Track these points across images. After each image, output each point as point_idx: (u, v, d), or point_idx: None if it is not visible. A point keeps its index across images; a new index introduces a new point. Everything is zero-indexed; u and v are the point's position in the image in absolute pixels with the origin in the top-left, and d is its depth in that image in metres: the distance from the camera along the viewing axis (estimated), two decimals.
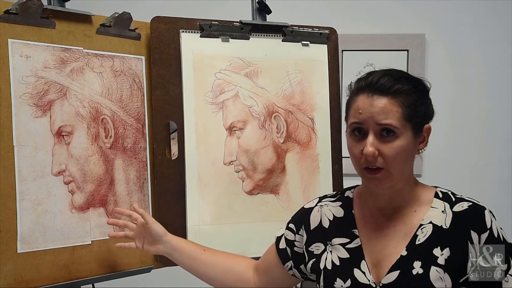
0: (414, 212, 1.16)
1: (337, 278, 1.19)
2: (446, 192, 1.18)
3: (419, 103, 1.13)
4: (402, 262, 1.12)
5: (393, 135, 1.09)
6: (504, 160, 2.52)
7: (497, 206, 2.62)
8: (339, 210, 1.26)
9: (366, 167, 1.12)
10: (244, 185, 1.61)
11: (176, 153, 1.55)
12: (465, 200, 1.15)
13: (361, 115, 1.11)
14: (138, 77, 1.53)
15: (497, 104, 2.53)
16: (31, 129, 1.33)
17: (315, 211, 1.29)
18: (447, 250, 1.10)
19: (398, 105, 1.09)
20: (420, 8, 2.55)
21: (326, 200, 1.31)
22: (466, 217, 1.11)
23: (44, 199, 1.34)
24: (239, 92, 1.62)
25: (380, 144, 1.09)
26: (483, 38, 2.53)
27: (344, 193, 1.29)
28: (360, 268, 1.17)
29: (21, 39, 1.33)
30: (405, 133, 1.10)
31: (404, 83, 1.12)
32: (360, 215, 1.23)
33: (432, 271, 1.09)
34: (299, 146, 1.67)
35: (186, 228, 1.53)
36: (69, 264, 1.37)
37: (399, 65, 2.52)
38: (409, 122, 1.10)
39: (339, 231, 1.23)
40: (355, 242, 1.20)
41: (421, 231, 1.13)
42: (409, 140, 1.11)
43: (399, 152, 1.09)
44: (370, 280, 1.15)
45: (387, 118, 1.09)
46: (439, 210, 1.14)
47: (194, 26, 1.60)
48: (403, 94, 1.10)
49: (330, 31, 1.74)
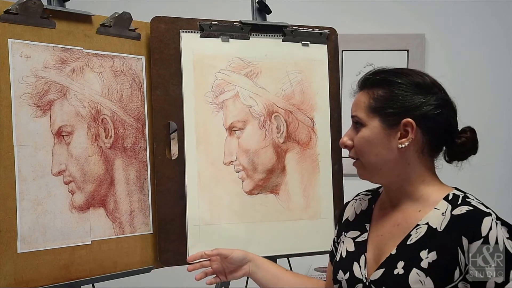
0: (419, 211, 1.13)
1: (340, 270, 1.22)
2: (458, 195, 1.13)
3: (394, 94, 1.12)
4: (389, 261, 1.12)
5: (360, 125, 1.16)
6: (504, 160, 2.52)
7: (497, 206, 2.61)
8: (366, 203, 1.29)
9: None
10: (244, 185, 1.61)
11: (176, 153, 1.55)
12: (470, 204, 1.08)
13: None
14: (138, 77, 1.53)
15: (497, 104, 2.53)
16: (31, 129, 1.33)
17: (350, 205, 1.33)
18: (433, 253, 1.06)
19: (365, 96, 1.16)
20: (420, 8, 2.55)
21: (362, 193, 1.34)
22: (461, 222, 1.06)
23: (44, 199, 1.34)
24: (239, 92, 1.62)
25: (353, 135, 1.18)
26: (483, 38, 2.53)
27: (379, 188, 1.31)
28: (359, 262, 1.19)
29: (21, 39, 1.33)
30: (371, 124, 1.14)
31: (378, 76, 1.16)
32: (377, 211, 1.25)
33: (412, 273, 1.07)
34: (299, 146, 1.67)
35: (186, 228, 1.53)
36: (69, 264, 1.37)
37: (399, 65, 2.51)
38: (376, 113, 1.13)
39: (357, 224, 1.27)
40: (363, 236, 1.23)
41: (415, 231, 1.11)
42: (376, 132, 1.13)
43: (363, 141, 1.15)
44: (363, 275, 1.16)
45: (356, 110, 1.17)
46: (440, 212, 1.10)
47: (194, 26, 1.60)
48: (373, 85, 1.16)
49: (330, 31, 1.74)
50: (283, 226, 1.63)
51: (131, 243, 1.49)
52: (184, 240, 1.53)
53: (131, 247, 1.49)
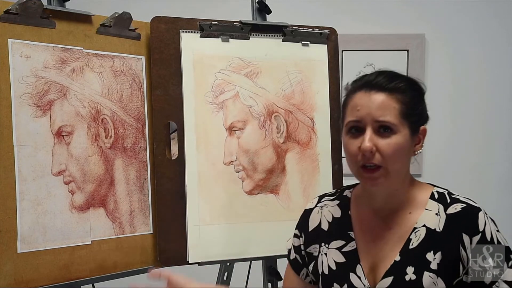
0: (410, 214, 1.14)
1: (333, 282, 1.18)
2: (442, 193, 1.16)
3: (416, 102, 1.13)
4: (396, 268, 1.11)
5: (390, 131, 1.08)
6: (504, 160, 2.52)
7: (497, 206, 2.62)
8: (337, 209, 1.25)
9: (363, 165, 1.10)
10: (244, 185, 1.61)
11: (176, 153, 1.55)
12: (460, 201, 1.12)
13: (359, 111, 1.10)
14: (138, 77, 1.53)
15: (497, 104, 2.53)
16: (31, 129, 1.33)
17: (315, 212, 1.29)
18: (439, 254, 1.09)
19: (395, 101, 1.09)
20: (420, 8, 2.55)
21: (325, 199, 1.29)
22: (458, 220, 1.09)
23: (44, 199, 1.34)
24: (239, 92, 1.62)
25: (377, 140, 1.08)
26: (483, 38, 2.53)
27: (343, 192, 1.28)
28: (355, 272, 1.16)
29: (21, 39, 1.33)
30: (402, 130, 1.09)
31: (401, 81, 1.12)
32: (356, 217, 1.22)
33: (425, 276, 1.08)
34: (299, 146, 1.67)
35: (186, 228, 1.53)
36: (69, 264, 1.37)
37: (399, 65, 2.55)
38: (406, 120, 1.09)
39: (337, 233, 1.22)
40: (350, 245, 1.19)
41: (415, 235, 1.12)
42: (407, 138, 1.10)
43: (397, 148, 1.08)
44: (365, 285, 1.14)
45: (385, 114, 1.08)
46: (433, 212, 1.12)
47: (194, 26, 1.60)
48: (399, 91, 1.10)
49: (330, 31, 1.74)
50: (283, 226, 1.62)
51: (131, 243, 1.49)
52: (184, 240, 1.53)
53: (131, 247, 1.49)
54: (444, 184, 1.22)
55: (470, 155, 2.54)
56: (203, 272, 1.70)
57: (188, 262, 1.53)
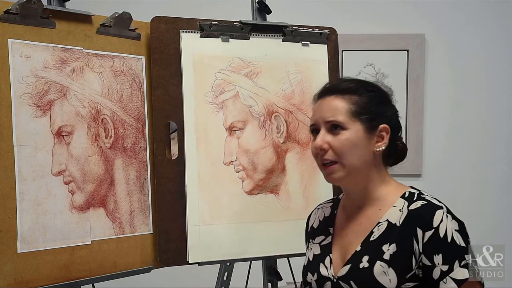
0: (379, 210, 1.21)
1: (308, 272, 1.28)
2: (414, 193, 1.21)
3: (369, 101, 1.20)
4: (354, 257, 1.19)
5: (340, 129, 1.18)
6: (504, 160, 2.52)
7: (497, 206, 2.62)
8: (328, 210, 1.35)
9: (322, 162, 1.20)
10: (244, 185, 1.61)
11: (176, 153, 1.55)
12: (423, 199, 1.17)
13: (314, 116, 1.24)
14: (138, 77, 1.53)
15: (497, 104, 2.53)
16: (31, 129, 1.33)
17: (313, 214, 1.39)
18: (393, 246, 1.14)
19: (344, 102, 1.19)
20: (420, 8, 2.55)
21: (323, 202, 1.40)
22: (416, 215, 1.14)
23: (44, 199, 1.34)
24: (239, 92, 1.62)
25: (329, 138, 1.19)
26: (483, 38, 2.53)
27: (339, 195, 1.37)
28: (324, 262, 1.25)
29: (21, 39, 1.33)
30: (353, 127, 1.18)
31: (351, 82, 1.23)
32: (340, 214, 1.31)
33: (376, 265, 1.14)
34: (299, 146, 1.67)
35: (186, 228, 1.53)
36: (69, 264, 1.37)
37: (399, 65, 2.55)
38: (357, 117, 1.18)
39: (321, 230, 1.32)
40: (327, 239, 1.29)
41: (377, 228, 1.19)
42: (359, 135, 1.18)
43: (346, 143, 1.17)
44: (329, 274, 1.22)
45: (334, 115, 1.19)
46: (398, 208, 1.18)
47: (194, 26, 1.60)
48: (349, 91, 1.20)
49: (330, 31, 1.74)
50: (283, 226, 1.63)
51: (131, 243, 1.49)
52: (184, 240, 1.53)
53: (131, 247, 1.49)
54: (444, 184, 1.23)
55: (470, 155, 2.53)
56: (203, 272, 1.71)
57: (188, 262, 1.53)
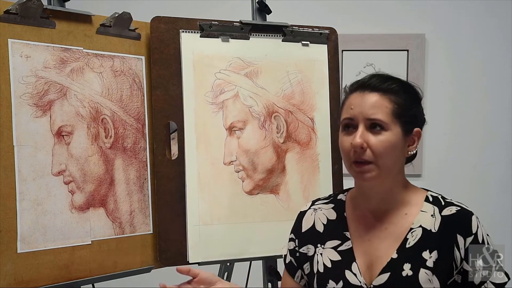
0: (405, 215, 1.18)
1: (329, 280, 1.21)
2: (437, 196, 1.20)
3: (409, 103, 1.17)
4: (392, 264, 1.15)
5: (381, 129, 1.13)
6: (504, 160, 2.52)
7: (497, 206, 2.62)
8: (331, 212, 1.29)
9: (354, 160, 1.15)
10: (244, 185, 1.61)
11: (176, 153, 1.55)
12: (454, 205, 1.17)
13: (352, 110, 1.16)
14: (138, 77, 1.53)
15: (497, 104, 2.53)
16: (31, 129, 1.33)
17: (308, 214, 1.33)
18: (435, 253, 1.13)
19: (388, 101, 1.15)
20: (420, 8, 2.55)
21: (319, 203, 1.34)
22: (453, 221, 1.14)
23: (44, 199, 1.34)
24: (239, 92, 1.62)
25: (369, 137, 1.13)
26: (483, 38, 2.53)
27: (337, 196, 1.32)
28: (351, 269, 1.19)
29: (21, 39, 1.33)
30: (394, 129, 1.14)
31: (393, 82, 1.18)
32: (352, 217, 1.25)
33: (421, 273, 1.12)
34: (299, 146, 1.67)
35: (186, 228, 1.53)
36: (69, 264, 1.37)
37: (399, 65, 2.55)
38: (398, 119, 1.14)
39: (332, 234, 1.26)
40: (346, 244, 1.23)
41: (411, 235, 1.16)
42: (398, 137, 1.14)
43: (387, 145, 1.13)
44: (361, 282, 1.17)
45: (377, 113, 1.13)
46: (429, 214, 1.17)
47: (194, 26, 1.60)
48: (393, 92, 1.16)
49: (330, 31, 1.74)
50: (283, 226, 1.62)
51: (131, 243, 1.49)
52: (184, 240, 1.53)
53: (131, 247, 1.49)
54: (444, 184, 1.24)
55: (470, 155, 2.54)
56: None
57: (188, 262, 1.53)
